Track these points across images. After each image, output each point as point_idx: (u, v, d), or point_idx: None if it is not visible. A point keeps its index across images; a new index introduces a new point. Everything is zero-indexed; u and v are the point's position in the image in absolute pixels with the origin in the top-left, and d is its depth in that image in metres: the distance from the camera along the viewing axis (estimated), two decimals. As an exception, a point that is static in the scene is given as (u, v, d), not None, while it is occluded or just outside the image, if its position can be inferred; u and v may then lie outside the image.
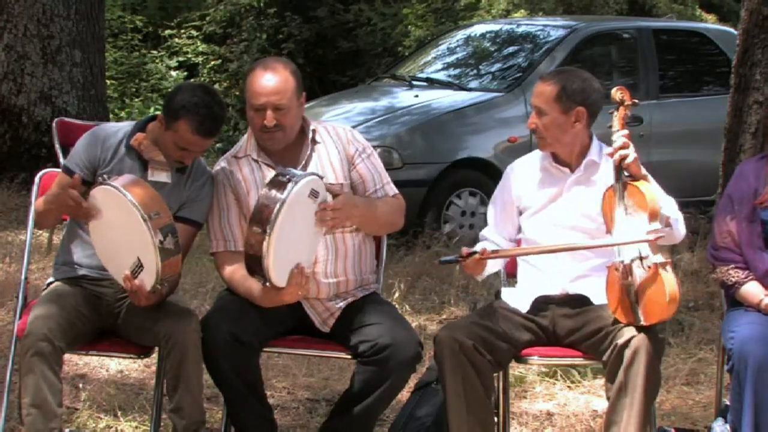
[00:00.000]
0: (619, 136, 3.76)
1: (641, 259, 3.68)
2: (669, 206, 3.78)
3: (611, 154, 3.76)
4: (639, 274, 3.69)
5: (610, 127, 3.80)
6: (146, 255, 3.59)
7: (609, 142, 3.82)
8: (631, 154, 3.72)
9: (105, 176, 3.70)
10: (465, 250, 3.83)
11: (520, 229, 4.06)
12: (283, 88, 3.82)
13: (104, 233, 3.73)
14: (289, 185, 3.55)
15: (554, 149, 3.96)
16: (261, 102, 3.82)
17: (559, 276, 3.94)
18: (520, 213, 4.04)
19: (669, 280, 3.65)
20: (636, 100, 3.89)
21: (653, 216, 3.68)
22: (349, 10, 13.91)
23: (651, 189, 3.72)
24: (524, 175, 4.04)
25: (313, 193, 3.65)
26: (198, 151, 3.88)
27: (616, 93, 3.82)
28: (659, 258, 3.68)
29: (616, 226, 3.76)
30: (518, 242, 4.08)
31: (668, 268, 3.67)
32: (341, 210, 3.74)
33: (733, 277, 3.91)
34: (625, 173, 3.75)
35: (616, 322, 3.75)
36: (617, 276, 3.74)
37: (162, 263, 3.58)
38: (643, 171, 3.77)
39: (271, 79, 3.82)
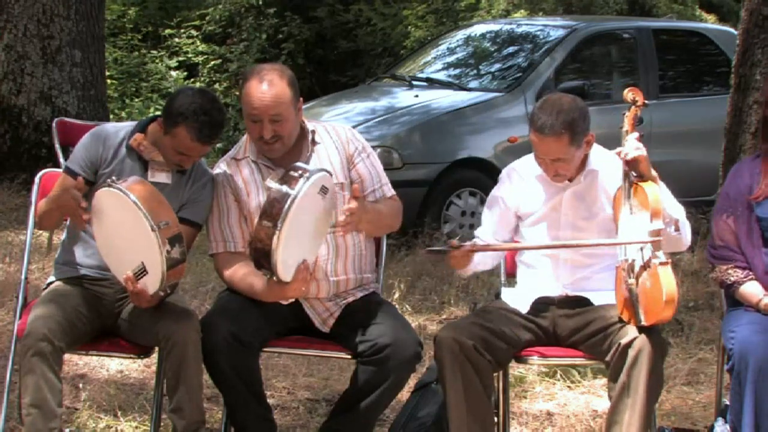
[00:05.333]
0: (632, 139, 3.75)
1: (643, 258, 3.68)
2: (678, 212, 3.78)
3: (624, 156, 3.73)
4: (639, 273, 3.69)
5: (621, 127, 3.80)
6: (152, 262, 3.59)
7: (610, 143, 3.81)
8: (640, 152, 3.71)
9: (113, 178, 3.68)
10: (454, 242, 3.80)
11: (516, 231, 4.06)
12: (280, 101, 3.79)
13: (108, 232, 3.72)
14: (301, 180, 3.55)
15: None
16: (257, 114, 3.81)
17: (559, 278, 3.94)
18: (519, 218, 4.05)
19: (667, 280, 3.61)
20: (647, 102, 3.87)
21: (655, 215, 3.67)
22: (349, 10, 13.90)
23: (655, 189, 3.72)
24: (523, 182, 4.02)
25: (323, 190, 3.66)
26: (197, 156, 3.87)
27: (628, 93, 3.81)
28: (659, 257, 3.66)
29: (621, 225, 3.77)
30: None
31: (668, 268, 3.65)
32: (356, 215, 3.73)
33: (732, 276, 3.91)
34: (633, 173, 3.75)
35: (620, 320, 3.75)
36: (623, 275, 3.74)
37: (168, 272, 3.58)
38: (654, 173, 3.76)
39: (268, 92, 3.78)
